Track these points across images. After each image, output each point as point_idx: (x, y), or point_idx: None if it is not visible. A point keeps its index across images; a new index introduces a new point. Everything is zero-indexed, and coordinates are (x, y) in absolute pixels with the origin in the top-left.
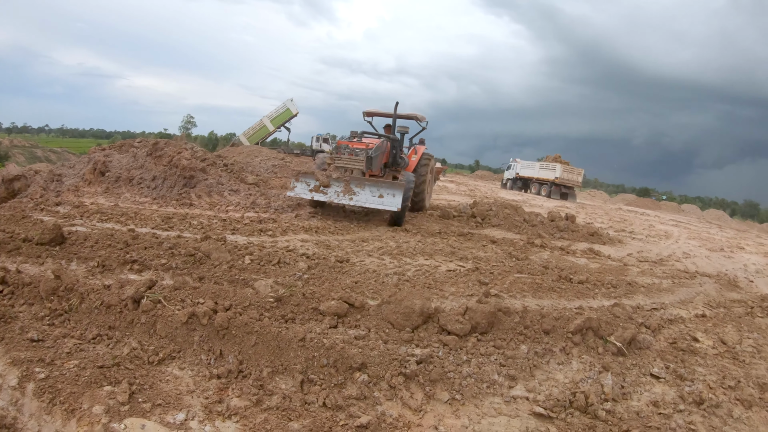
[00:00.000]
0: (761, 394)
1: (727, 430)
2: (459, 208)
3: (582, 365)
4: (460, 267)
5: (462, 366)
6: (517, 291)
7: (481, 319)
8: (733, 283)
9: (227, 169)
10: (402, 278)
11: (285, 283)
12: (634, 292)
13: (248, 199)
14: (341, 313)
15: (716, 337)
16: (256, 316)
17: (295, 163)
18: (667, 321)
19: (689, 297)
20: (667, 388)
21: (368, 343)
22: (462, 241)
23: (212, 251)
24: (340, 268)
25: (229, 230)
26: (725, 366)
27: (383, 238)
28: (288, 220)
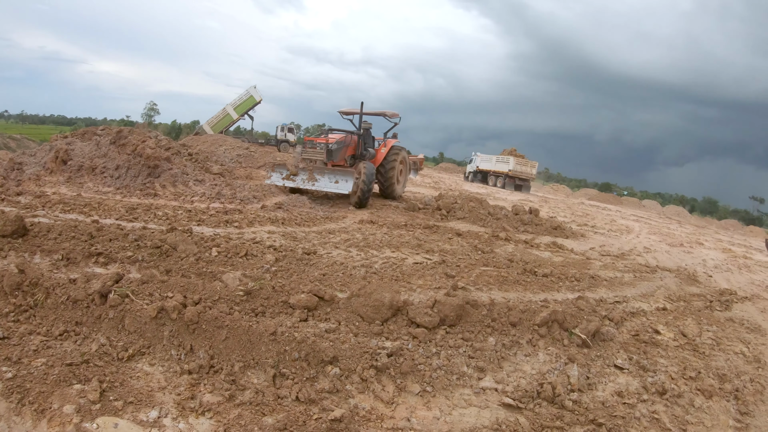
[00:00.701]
0: (721, 384)
1: (689, 418)
2: (424, 201)
3: (548, 357)
4: (427, 260)
5: (432, 358)
6: (483, 284)
7: (449, 312)
8: (693, 278)
9: (192, 158)
10: (370, 271)
11: (253, 276)
12: (597, 286)
13: (214, 189)
14: (311, 307)
15: (677, 329)
16: (226, 310)
17: (260, 153)
18: (630, 314)
19: (650, 291)
20: (630, 379)
21: (339, 336)
22: (428, 234)
23: (179, 243)
24: (308, 260)
25: (195, 221)
26: (686, 357)
27: (349, 230)
28: (254, 212)
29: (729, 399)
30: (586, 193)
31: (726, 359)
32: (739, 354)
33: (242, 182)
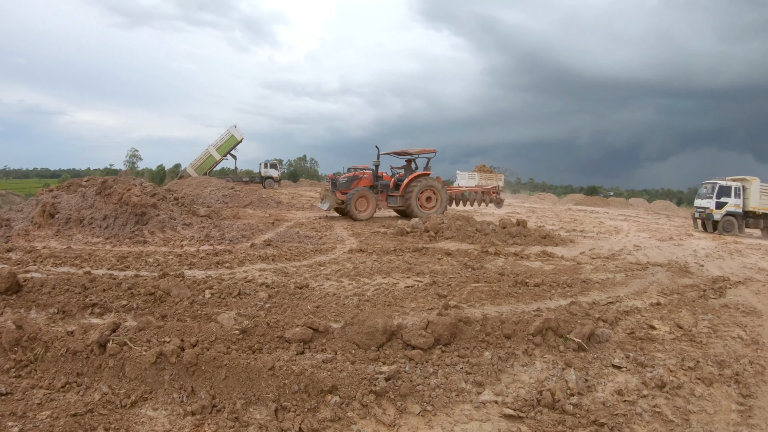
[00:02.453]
0: (720, 371)
1: (691, 408)
2: (412, 224)
3: (545, 364)
4: (418, 282)
5: (429, 378)
6: (475, 300)
7: (443, 331)
8: (685, 270)
9: (178, 202)
10: (362, 299)
11: (248, 314)
12: (590, 289)
13: (202, 231)
14: (307, 339)
15: (672, 322)
16: (223, 350)
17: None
18: (624, 313)
19: (643, 287)
20: (629, 377)
21: (336, 365)
22: (417, 257)
23: (172, 288)
24: (301, 294)
25: (186, 265)
26: (683, 349)
27: (339, 261)
28: (244, 251)
29: (730, 384)
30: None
31: (724, 345)
32: (737, 338)
33: (230, 222)
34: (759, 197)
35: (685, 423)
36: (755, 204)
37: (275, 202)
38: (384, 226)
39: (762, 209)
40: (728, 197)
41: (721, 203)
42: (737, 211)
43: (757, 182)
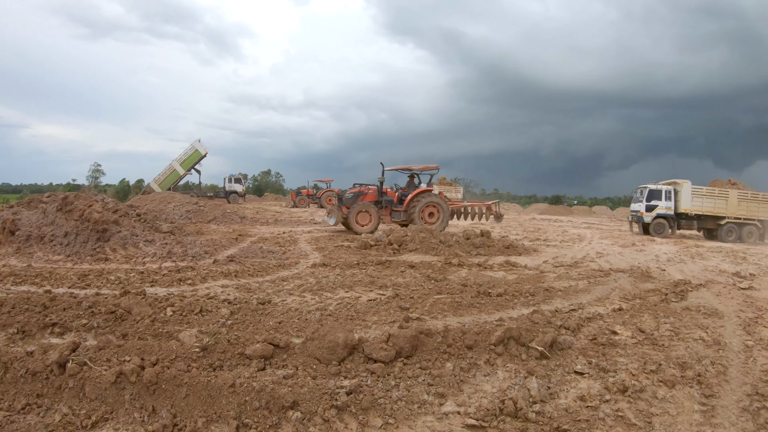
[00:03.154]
0: (682, 372)
1: (654, 410)
2: (376, 237)
3: (508, 373)
4: (381, 295)
5: (391, 391)
6: (437, 312)
7: (404, 344)
8: (647, 275)
9: (140, 219)
10: (324, 313)
11: (209, 332)
12: (552, 297)
13: (164, 248)
14: (267, 355)
15: (634, 327)
16: (184, 368)
17: (209, 207)
18: (586, 319)
19: (605, 294)
20: (592, 382)
21: (297, 380)
22: (381, 270)
23: (133, 306)
24: (263, 310)
25: (148, 283)
26: (646, 352)
27: (303, 276)
28: (206, 267)
29: (692, 385)
30: (537, 208)
31: (686, 347)
32: (699, 340)
33: (193, 238)
34: (690, 199)
35: (648, 425)
36: (687, 206)
37: (239, 217)
38: (348, 240)
39: (694, 210)
40: (659, 200)
41: (652, 206)
42: (668, 214)
43: (688, 185)
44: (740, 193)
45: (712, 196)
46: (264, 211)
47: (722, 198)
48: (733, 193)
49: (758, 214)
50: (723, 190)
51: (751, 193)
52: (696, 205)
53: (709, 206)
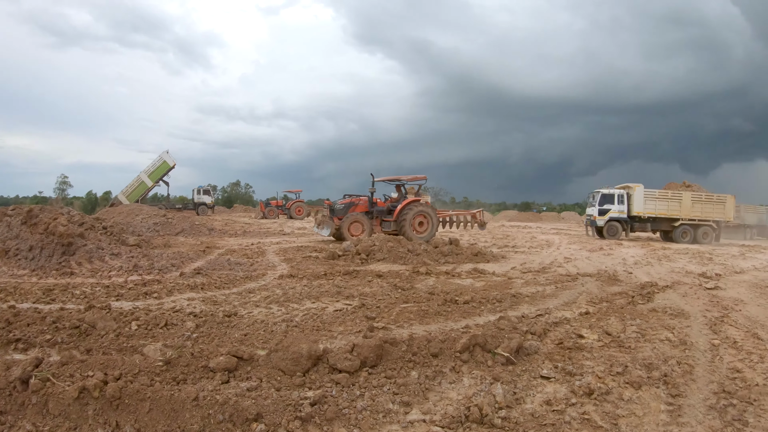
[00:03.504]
0: (649, 373)
1: (620, 412)
2: (343, 247)
3: (473, 380)
4: (347, 305)
5: (356, 401)
6: (404, 321)
7: (369, 354)
8: (614, 278)
9: (107, 232)
10: (290, 324)
11: (173, 345)
12: (519, 303)
13: (131, 261)
14: (231, 368)
15: (601, 330)
16: (147, 382)
17: (178, 219)
18: (553, 324)
19: (572, 298)
20: (558, 386)
21: (261, 392)
22: (348, 280)
23: (97, 321)
24: (229, 322)
25: (114, 297)
26: (612, 355)
27: (269, 287)
28: (173, 280)
29: (658, 385)
30: (507, 215)
31: (652, 348)
32: (665, 341)
33: (160, 251)
34: (643, 202)
35: (614, 427)
36: (639, 209)
37: (208, 229)
38: (316, 251)
39: (647, 213)
40: (612, 204)
41: (605, 210)
42: (621, 217)
43: (640, 189)
44: (694, 195)
45: (665, 198)
46: (233, 223)
47: (676, 200)
48: (686, 195)
49: (713, 215)
50: (676, 192)
51: (705, 195)
52: (649, 208)
53: (662, 209)
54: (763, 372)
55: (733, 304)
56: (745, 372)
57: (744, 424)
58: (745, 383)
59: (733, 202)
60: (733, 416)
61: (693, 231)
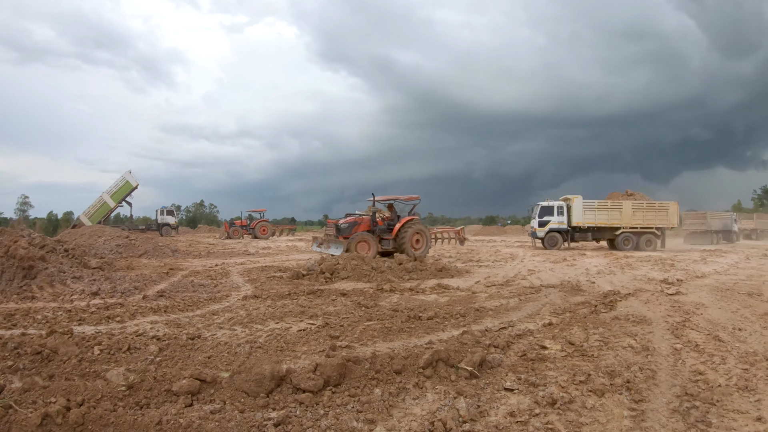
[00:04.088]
0: (611, 380)
1: (583, 420)
2: (307, 266)
3: (437, 395)
4: (311, 325)
5: (320, 420)
6: (367, 338)
7: (332, 373)
8: (577, 288)
9: (68, 254)
10: (254, 346)
11: (136, 369)
12: (483, 317)
13: (93, 285)
14: (194, 391)
15: (564, 340)
16: (110, 408)
17: (141, 240)
18: (516, 336)
19: (536, 310)
20: (521, 398)
21: (225, 415)
22: (312, 299)
23: (59, 346)
24: (192, 345)
25: (76, 321)
26: (575, 364)
27: (233, 308)
28: (136, 303)
29: (621, 392)
30: (471, 230)
31: (615, 356)
32: (628, 347)
33: (123, 274)
34: (582, 213)
35: None
36: (579, 219)
37: (171, 251)
38: (281, 270)
39: (587, 223)
40: (551, 216)
41: (544, 222)
42: (561, 227)
43: (579, 200)
44: (635, 203)
45: (604, 208)
46: (197, 244)
47: (616, 210)
48: (626, 204)
49: (655, 222)
50: (616, 202)
51: (647, 203)
52: (588, 218)
53: (602, 218)
54: (725, 373)
55: (695, 309)
56: (707, 374)
57: (707, 425)
58: (708, 385)
59: (677, 208)
60: (697, 418)
61: (635, 239)
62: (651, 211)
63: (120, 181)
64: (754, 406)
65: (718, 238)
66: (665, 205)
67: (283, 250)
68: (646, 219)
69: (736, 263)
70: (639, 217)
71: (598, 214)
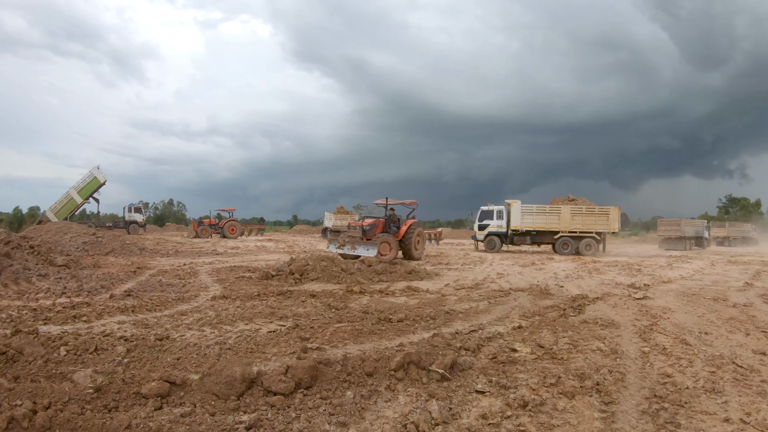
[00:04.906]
0: (581, 383)
1: (554, 422)
2: (277, 267)
3: (409, 398)
4: (281, 326)
5: (292, 423)
6: (338, 340)
7: (303, 375)
8: (546, 292)
9: (34, 251)
10: (224, 347)
11: (104, 371)
12: (453, 320)
13: (59, 283)
14: (164, 393)
15: (534, 343)
16: (78, 411)
17: (108, 237)
18: (486, 339)
19: (505, 313)
20: (493, 400)
21: (195, 418)
22: (281, 300)
23: (24, 347)
24: (161, 346)
25: (41, 320)
26: (545, 367)
27: (202, 309)
28: (103, 302)
29: (591, 394)
30: None
31: (584, 358)
32: (597, 350)
33: (90, 272)
34: (521, 217)
35: None
36: (517, 223)
37: (139, 249)
38: (249, 271)
39: (525, 227)
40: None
41: (484, 225)
42: (500, 231)
43: (517, 204)
44: (574, 208)
45: (543, 213)
46: (165, 242)
47: (554, 214)
48: (565, 208)
49: (595, 226)
50: (555, 207)
51: (586, 208)
52: (527, 222)
53: (541, 222)
54: (693, 375)
55: (662, 313)
56: (675, 376)
57: (676, 426)
58: (676, 387)
59: (617, 213)
60: (666, 419)
61: (574, 243)
62: (591, 216)
63: (87, 176)
64: (722, 407)
65: (691, 244)
66: (605, 209)
67: (252, 250)
68: (586, 223)
69: (702, 269)
70: (578, 222)
71: (536, 218)
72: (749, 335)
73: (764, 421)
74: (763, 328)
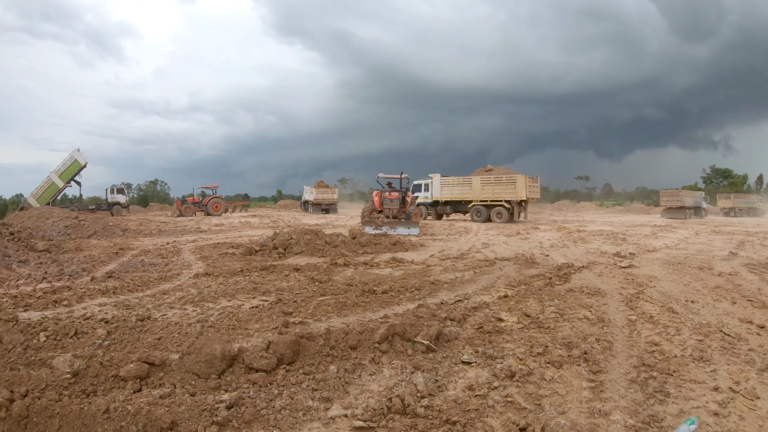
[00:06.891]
0: (569, 352)
1: (542, 392)
2: (260, 242)
3: (394, 371)
4: (264, 302)
5: (275, 400)
6: (321, 314)
7: (285, 350)
8: (531, 261)
9: (14, 237)
10: (206, 325)
11: (83, 355)
12: (438, 290)
13: (39, 268)
14: (143, 375)
15: (520, 312)
16: (55, 397)
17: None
18: (472, 309)
19: (491, 282)
20: (480, 371)
21: (175, 399)
22: (264, 275)
23: (3, 334)
24: (142, 326)
25: (21, 307)
26: (532, 336)
27: (184, 287)
28: (84, 285)
29: (579, 363)
30: None
31: (571, 327)
32: (583, 319)
33: (71, 255)
34: (440, 189)
35: (538, 408)
36: (438, 194)
37: (122, 230)
38: (233, 247)
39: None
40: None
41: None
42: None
43: (437, 177)
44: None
45: (458, 184)
46: (148, 222)
47: (467, 185)
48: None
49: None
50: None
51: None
52: (446, 193)
53: (456, 193)
54: (680, 344)
55: (648, 281)
56: (662, 345)
57: (666, 395)
58: (664, 356)
59: (524, 181)
60: (655, 388)
61: (486, 211)
62: (499, 185)
63: (68, 159)
64: (710, 376)
65: (690, 213)
66: (513, 178)
67: (236, 226)
68: (495, 192)
69: (686, 238)
70: (488, 191)
71: (453, 190)
72: (735, 303)
73: (753, 390)
74: (749, 296)
